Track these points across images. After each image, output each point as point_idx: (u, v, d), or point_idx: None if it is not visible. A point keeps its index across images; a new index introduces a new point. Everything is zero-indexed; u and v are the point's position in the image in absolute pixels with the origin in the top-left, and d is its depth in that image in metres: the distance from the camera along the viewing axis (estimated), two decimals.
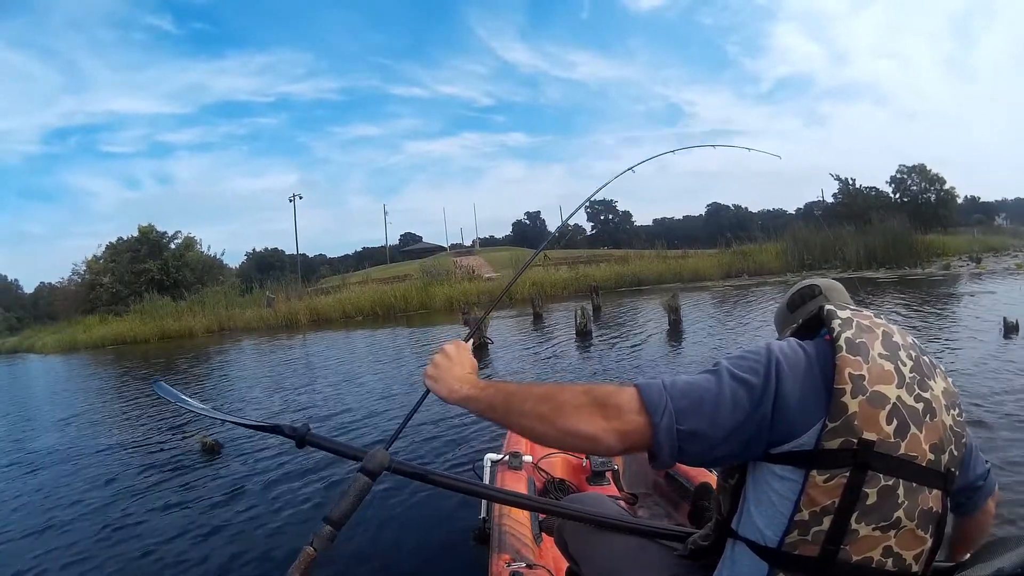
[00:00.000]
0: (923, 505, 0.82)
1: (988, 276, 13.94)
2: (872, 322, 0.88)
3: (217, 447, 4.31)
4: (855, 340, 0.83)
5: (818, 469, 0.79)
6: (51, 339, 22.43)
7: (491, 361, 7.69)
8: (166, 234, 27.15)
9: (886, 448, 0.79)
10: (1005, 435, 3.28)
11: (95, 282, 25.57)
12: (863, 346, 0.83)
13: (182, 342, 17.67)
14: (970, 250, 23.95)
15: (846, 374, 0.80)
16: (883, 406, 0.80)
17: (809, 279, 1.09)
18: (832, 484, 0.79)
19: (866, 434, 0.78)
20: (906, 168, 34.85)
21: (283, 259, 47.42)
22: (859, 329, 0.85)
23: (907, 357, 0.85)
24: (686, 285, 17.95)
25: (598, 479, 2.11)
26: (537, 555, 1.60)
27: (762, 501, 0.85)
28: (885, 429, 0.79)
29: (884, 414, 0.80)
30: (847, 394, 0.79)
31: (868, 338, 0.84)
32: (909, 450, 0.81)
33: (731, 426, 0.80)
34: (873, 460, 0.79)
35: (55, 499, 3.80)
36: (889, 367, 0.83)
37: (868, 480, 0.79)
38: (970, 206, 49.32)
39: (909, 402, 0.82)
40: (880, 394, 0.80)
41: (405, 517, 2.75)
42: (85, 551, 2.92)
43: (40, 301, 39.16)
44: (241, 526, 3.03)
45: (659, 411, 0.79)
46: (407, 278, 23.60)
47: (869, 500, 0.79)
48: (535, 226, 66.17)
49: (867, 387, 0.80)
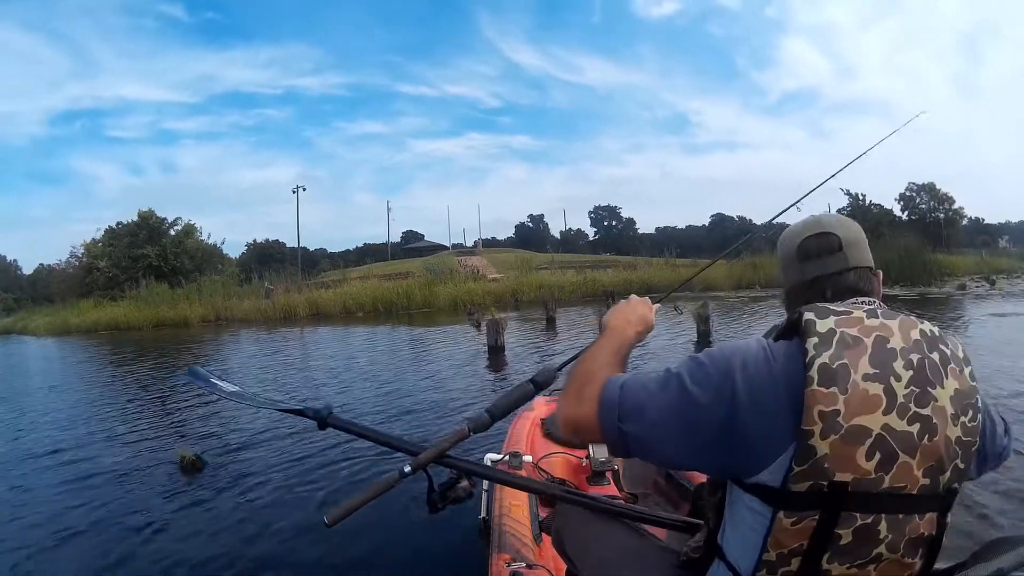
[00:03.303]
0: (911, 534, 0.76)
1: (1010, 297, 13.63)
2: (863, 328, 0.76)
3: (198, 463, 3.68)
4: (832, 365, 0.72)
5: (785, 511, 0.74)
6: (44, 321, 22.03)
7: (508, 364, 7.29)
8: (166, 220, 26.71)
9: (864, 487, 0.72)
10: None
11: (92, 266, 25.12)
12: (842, 371, 0.72)
13: (177, 331, 17.29)
14: (979, 271, 23.80)
15: (815, 413, 0.71)
16: (862, 441, 0.71)
17: (819, 217, 0.95)
18: (800, 527, 0.74)
19: (839, 476, 0.72)
20: (916, 186, 34.87)
21: (284, 251, 47.17)
22: (841, 346, 0.74)
23: (905, 366, 0.74)
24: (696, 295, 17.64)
25: (598, 479, 2.08)
26: (537, 555, 1.59)
27: (738, 526, 0.81)
28: (863, 467, 0.72)
29: (863, 450, 0.71)
30: (815, 436, 0.71)
31: (852, 356, 0.73)
32: (896, 482, 0.73)
33: (674, 439, 0.77)
34: (847, 501, 0.72)
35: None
36: (875, 390, 0.72)
37: (841, 521, 0.73)
38: (974, 227, 49.29)
39: (900, 428, 0.72)
40: (860, 428, 0.71)
41: (404, 516, 2.68)
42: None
43: (38, 283, 38.76)
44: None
45: (608, 407, 0.80)
46: (409, 275, 23.26)
47: (843, 541, 0.74)
48: (538, 229, 66.08)
49: (842, 424, 0.71)
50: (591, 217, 64.99)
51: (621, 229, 63.27)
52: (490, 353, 8.01)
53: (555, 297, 13.96)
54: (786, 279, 0.95)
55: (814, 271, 0.89)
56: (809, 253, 0.90)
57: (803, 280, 0.90)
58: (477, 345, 9.19)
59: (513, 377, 6.45)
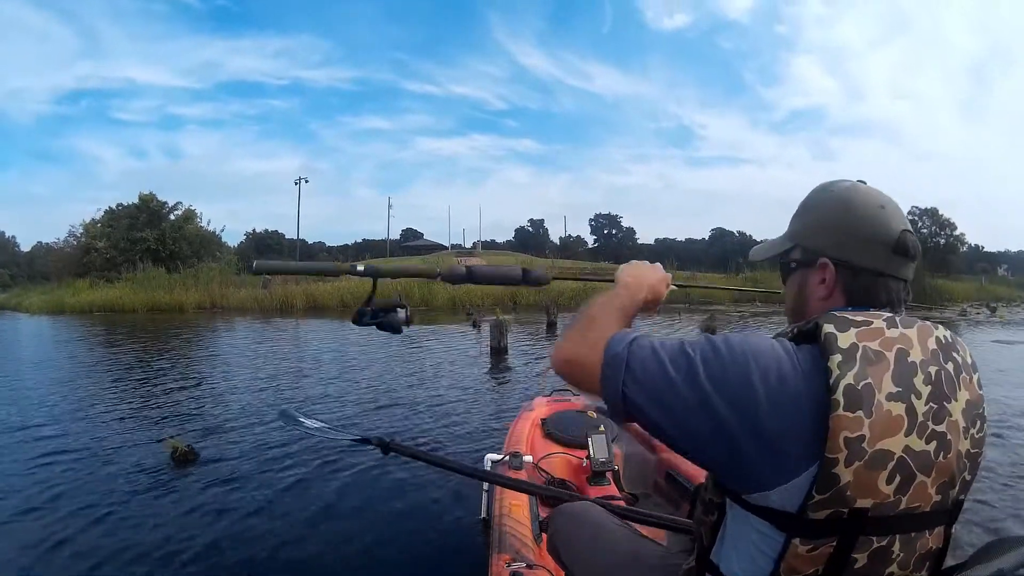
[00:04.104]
0: (921, 550, 0.73)
1: (1011, 326, 13.60)
2: (884, 340, 0.69)
3: (192, 455, 3.51)
4: (857, 386, 0.65)
5: (801, 537, 0.68)
6: (39, 299, 21.87)
7: (510, 366, 7.16)
8: (166, 204, 26.56)
9: (883, 511, 0.68)
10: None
11: (90, 246, 24.96)
12: (867, 392, 0.66)
13: (172, 316, 17.14)
14: (978, 298, 23.81)
15: (840, 440, 0.65)
16: (885, 466, 0.66)
17: (897, 204, 0.80)
18: (816, 554, 0.69)
19: (860, 502, 0.67)
20: (919, 210, 34.90)
21: (282, 242, 47.07)
22: (864, 362, 0.67)
23: (924, 381, 0.69)
24: (696, 307, 17.59)
25: (598, 479, 2.08)
26: (537, 555, 1.59)
27: (740, 548, 0.75)
28: (884, 491, 0.67)
29: (885, 475, 0.67)
30: (840, 464, 0.65)
31: (876, 373, 0.67)
32: (912, 503, 0.69)
33: (675, 429, 0.71)
34: (866, 527, 0.68)
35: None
36: (898, 411, 0.67)
37: (858, 546, 0.69)
38: (973, 254, 49.45)
39: (919, 448, 0.68)
40: (883, 452, 0.66)
41: (404, 516, 2.64)
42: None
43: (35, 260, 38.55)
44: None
45: (612, 364, 0.74)
46: None
47: (858, 564, 0.70)
48: (538, 234, 66.11)
49: (867, 449, 0.65)
50: (591, 224, 65.13)
51: (621, 238, 63.30)
52: (492, 354, 7.93)
53: (557, 303, 13.87)
54: (847, 249, 0.78)
55: (902, 272, 0.78)
56: (908, 251, 0.77)
57: (884, 272, 0.77)
58: (478, 346, 9.10)
59: (516, 379, 6.34)
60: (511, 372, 6.86)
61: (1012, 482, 3.19)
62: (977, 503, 2.80)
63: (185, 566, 2.30)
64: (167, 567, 2.29)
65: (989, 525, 2.61)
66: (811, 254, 0.80)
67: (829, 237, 0.79)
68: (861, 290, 0.77)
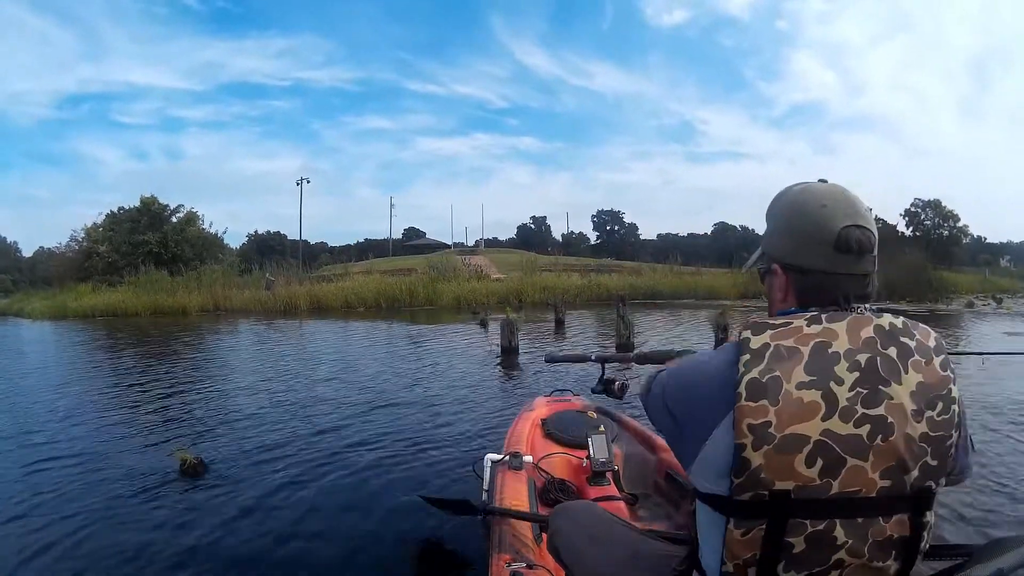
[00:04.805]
0: (876, 537, 0.74)
1: (1019, 317, 13.51)
2: (801, 337, 0.74)
3: (200, 467, 3.37)
4: (762, 379, 0.73)
5: (734, 519, 0.75)
6: (41, 304, 21.79)
7: (523, 366, 7.02)
8: (168, 207, 26.48)
9: (810, 493, 0.72)
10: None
11: (92, 250, 24.90)
12: (773, 383, 0.72)
13: (175, 319, 17.09)
14: (983, 290, 23.72)
15: (744, 426, 0.72)
16: (799, 449, 0.71)
17: (853, 199, 0.82)
18: (750, 537, 0.74)
19: (779, 484, 0.72)
20: (921, 202, 34.84)
21: (284, 243, 47.02)
22: (774, 359, 0.73)
23: (849, 368, 0.73)
24: (702, 303, 17.52)
25: (598, 479, 2.07)
26: (537, 555, 1.60)
27: (706, 539, 0.82)
28: (805, 474, 0.72)
29: (801, 458, 0.71)
30: (748, 448, 0.72)
31: (785, 368, 0.73)
32: (847, 487, 0.72)
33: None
34: (794, 509, 0.72)
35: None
36: (811, 397, 0.72)
37: (790, 529, 0.73)
38: (975, 246, 49.31)
39: (844, 431, 0.71)
40: (795, 436, 0.71)
41: (404, 516, 2.62)
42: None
43: (37, 265, 38.47)
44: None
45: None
46: (412, 272, 23.09)
47: (796, 549, 0.73)
48: (540, 232, 65.99)
49: (775, 434, 0.71)
50: (594, 221, 64.94)
51: (623, 234, 63.16)
52: (503, 354, 7.80)
53: (565, 300, 13.80)
54: (792, 253, 0.83)
55: (849, 268, 0.80)
56: (851, 246, 0.79)
57: (831, 271, 0.80)
58: (487, 345, 9.00)
59: (530, 379, 6.18)
60: (523, 371, 6.75)
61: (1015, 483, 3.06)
62: (977, 503, 2.73)
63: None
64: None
65: (989, 525, 2.53)
66: (769, 261, 0.87)
67: (780, 243, 0.85)
68: (810, 290, 0.82)
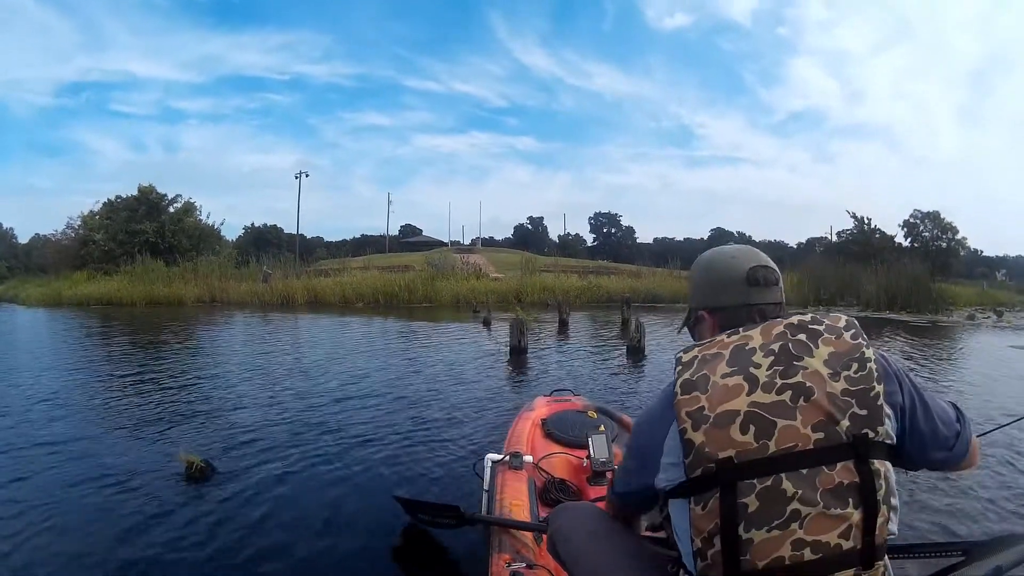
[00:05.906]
0: (826, 485, 0.82)
1: (1021, 330, 13.46)
2: (721, 344, 0.91)
3: (207, 470, 3.15)
4: (692, 378, 0.88)
5: (694, 498, 0.85)
6: (36, 291, 21.67)
7: (532, 367, 6.90)
8: (166, 196, 26.34)
9: (751, 456, 0.82)
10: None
11: (88, 238, 24.76)
12: (702, 379, 0.88)
13: (171, 309, 16.94)
14: (981, 302, 23.75)
15: (683, 414, 0.86)
16: (732, 421, 0.84)
17: (753, 251, 1.06)
18: (709, 509, 0.83)
19: (721, 454, 0.83)
20: (920, 213, 34.82)
21: (281, 237, 46.76)
22: (701, 363, 0.90)
23: (764, 355, 0.87)
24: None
25: (598, 479, 2.09)
26: (537, 555, 1.60)
27: (678, 530, 0.91)
28: (741, 440, 0.83)
29: (736, 428, 0.83)
30: (689, 431, 0.85)
31: (710, 367, 0.88)
32: (783, 444, 0.82)
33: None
34: (740, 472, 0.82)
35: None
36: (735, 380, 0.86)
37: (741, 491, 0.82)
38: (972, 259, 49.46)
39: (769, 400, 0.84)
40: (727, 411, 0.84)
41: (404, 516, 2.53)
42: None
43: (33, 252, 38.10)
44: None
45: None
46: (409, 268, 23.00)
47: (751, 508, 0.82)
48: (537, 231, 65.88)
49: (709, 414, 0.85)
50: (591, 223, 64.80)
51: (620, 237, 63.10)
52: (512, 354, 7.62)
53: (567, 300, 13.72)
54: (715, 298, 1.04)
55: (760, 298, 1.01)
56: (758, 280, 1.01)
57: (746, 303, 1.01)
58: (492, 344, 8.86)
59: (542, 381, 5.98)
60: (534, 371, 6.59)
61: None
62: (978, 502, 2.75)
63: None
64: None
65: (988, 522, 2.56)
66: (697, 311, 1.08)
67: (703, 293, 1.06)
68: (731, 321, 1.00)
